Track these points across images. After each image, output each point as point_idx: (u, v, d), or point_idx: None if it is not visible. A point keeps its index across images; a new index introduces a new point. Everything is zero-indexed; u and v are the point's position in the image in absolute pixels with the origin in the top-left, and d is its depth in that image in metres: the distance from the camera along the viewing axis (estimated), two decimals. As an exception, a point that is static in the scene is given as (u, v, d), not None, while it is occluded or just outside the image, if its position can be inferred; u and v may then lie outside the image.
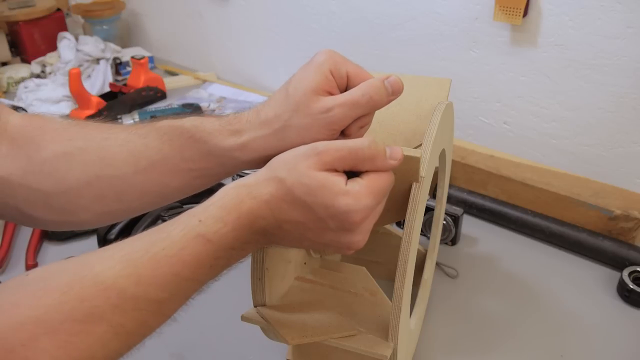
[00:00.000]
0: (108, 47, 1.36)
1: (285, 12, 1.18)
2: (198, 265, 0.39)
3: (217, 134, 0.47)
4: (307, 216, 0.40)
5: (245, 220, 0.40)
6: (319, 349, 0.60)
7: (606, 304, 0.71)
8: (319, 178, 0.39)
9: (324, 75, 0.44)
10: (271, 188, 0.40)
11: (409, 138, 0.55)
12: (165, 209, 0.74)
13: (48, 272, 0.37)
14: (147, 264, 0.37)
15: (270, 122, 0.46)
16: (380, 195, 0.41)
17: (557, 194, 0.81)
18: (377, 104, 0.44)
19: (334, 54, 0.46)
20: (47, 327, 0.33)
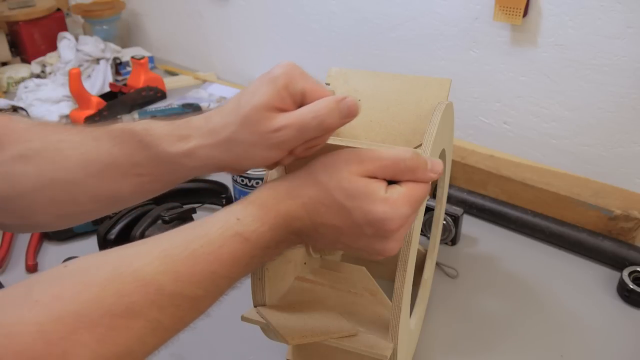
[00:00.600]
0: (108, 47, 1.36)
1: (285, 12, 1.18)
2: (235, 263, 0.39)
3: (165, 139, 0.46)
4: (344, 221, 0.41)
5: (282, 220, 0.41)
6: (319, 349, 0.60)
7: (606, 304, 0.71)
8: (360, 184, 0.40)
9: (276, 91, 0.42)
10: (310, 190, 0.41)
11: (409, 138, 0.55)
12: (166, 209, 0.74)
13: (87, 265, 0.37)
14: (185, 261, 0.38)
15: (217, 131, 0.45)
16: (416, 205, 0.41)
17: (557, 194, 0.81)
18: (328, 128, 0.42)
19: (292, 68, 0.44)
20: (87, 321, 0.33)
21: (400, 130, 0.56)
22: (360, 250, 0.43)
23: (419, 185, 0.42)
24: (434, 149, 0.50)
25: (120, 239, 0.72)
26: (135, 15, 1.55)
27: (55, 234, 0.82)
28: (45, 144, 0.48)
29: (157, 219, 0.72)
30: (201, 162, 0.46)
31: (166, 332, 0.37)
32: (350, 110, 0.42)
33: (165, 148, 0.46)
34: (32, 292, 0.33)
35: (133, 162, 0.47)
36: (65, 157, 0.47)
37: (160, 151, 0.46)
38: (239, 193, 0.82)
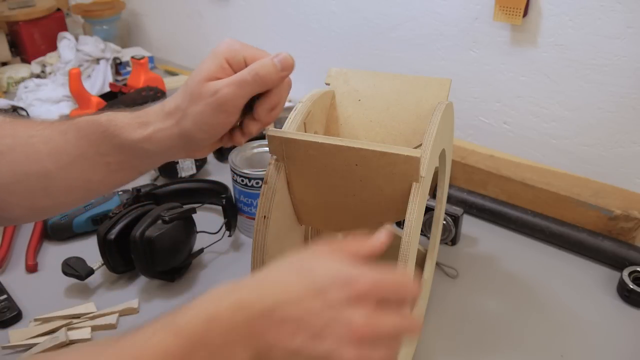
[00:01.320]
0: (108, 47, 1.36)
1: (285, 12, 1.18)
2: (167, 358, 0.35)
3: (127, 127, 0.48)
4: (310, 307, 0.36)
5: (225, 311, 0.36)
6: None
7: (606, 304, 0.71)
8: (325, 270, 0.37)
9: (218, 64, 0.46)
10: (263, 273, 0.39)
11: (409, 138, 0.55)
12: (166, 209, 0.74)
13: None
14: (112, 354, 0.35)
15: (172, 114, 0.47)
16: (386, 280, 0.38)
17: (557, 194, 0.81)
18: (265, 81, 0.45)
19: (232, 43, 0.47)
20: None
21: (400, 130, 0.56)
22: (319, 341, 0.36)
23: None
24: (434, 149, 0.50)
25: (120, 239, 0.72)
26: (135, 15, 1.55)
27: (55, 234, 0.82)
28: (17, 139, 0.49)
29: (157, 219, 0.72)
30: (160, 145, 0.48)
31: None
32: (284, 64, 0.45)
33: (127, 136, 0.48)
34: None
35: (100, 152, 0.49)
36: (36, 151, 0.49)
37: (124, 139, 0.48)
38: (238, 193, 0.82)
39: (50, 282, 0.74)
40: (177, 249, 0.73)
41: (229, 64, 0.46)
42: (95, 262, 0.74)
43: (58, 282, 0.74)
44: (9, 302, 0.70)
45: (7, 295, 0.71)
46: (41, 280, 0.76)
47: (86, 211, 0.82)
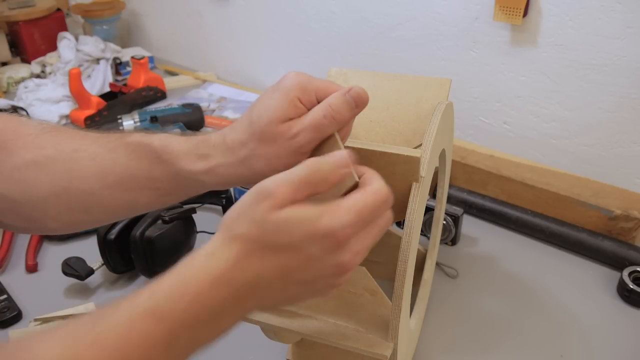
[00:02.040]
0: (108, 47, 1.36)
1: (285, 12, 1.18)
2: (149, 346, 0.33)
3: (184, 157, 0.46)
4: (284, 256, 0.36)
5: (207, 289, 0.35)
6: (319, 349, 0.60)
7: (606, 304, 0.71)
8: (283, 216, 0.35)
9: (291, 103, 0.43)
10: (234, 249, 0.35)
11: (409, 138, 0.55)
12: (166, 209, 0.74)
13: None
14: (90, 344, 0.32)
15: (235, 150, 0.45)
16: (363, 213, 0.36)
17: (557, 194, 0.81)
18: (341, 122, 0.43)
19: (301, 79, 0.44)
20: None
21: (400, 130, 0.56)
22: (316, 280, 0.37)
23: (360, 192, 0.37)
24: (434, 149, 0.50)
25: (120, 239, 0.72)
26: (135, 15, 1.55)
27: (55, 234, 0.82)
28: (58, 152, 0.48)
29: (157, 219, 0.72)
30: (222, 179, 0.46)
31: None
32: (357, 100, 0.43)
33: (185, 166, 0.46)
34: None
35: (151, 177, 0.47)
36: (80, 167, 0.47)
37: (180, 169, 0.46)
38: (238, 193, 0.82)
39: (50, 282, 0.74)
40: (177, 249, 0.73)
41: (301, 101, 0.43)
42: (95, 262, 0.74)
43: (58, 282, 0.74)
44: (9, 302, 0.70)
45: (7, 295, 0.71)
46: (41, 280, 0.76)
47: (86, 211, 0.82)
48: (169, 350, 0.34)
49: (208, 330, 0.36)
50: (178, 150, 0.47)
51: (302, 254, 0.36)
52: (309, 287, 0.38)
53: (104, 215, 0.50)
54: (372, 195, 0.37)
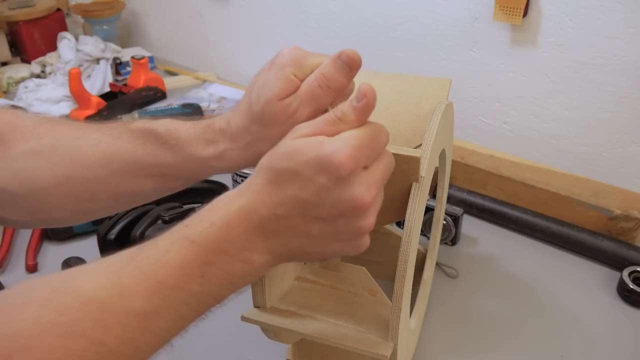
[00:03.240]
0: (108, 47, 1.36)
1: (285, 12, 1.18)
2: (185, 271, 0.35)
3: (192, 143, 0.46)
4: (296, 186, 0.36)
5: (235, 217, 0.37)
6: (319, 349, 0.60)
7: (606, 304, 0.71)
8: (295, 142, 0.37)
9: (287, 79, 0.42)
10: (257, 179, 0.38)
11: (409, 138, 0.55)
12: (166, 209, 0.74)
13: (29, 287, 0.34)
14: (131, 273, 0.34)
15: (240, 135, 0.45)
16: (365, 138, 0.37)
17: (557, 194, 0.81)
18: (337, 89, 0.42)
19: (295, 52, 0.44)
20: (22, 343, 0.30)
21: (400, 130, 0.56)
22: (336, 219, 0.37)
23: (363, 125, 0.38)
24: (434, 149, 0.50)
25: (120, 239, 0.72)
26: (135, 15, 1.55)
27: (55, 234, 0.82)
28: (59, 141, 0.47)
29: (157, 219, 0.72)
30: (231, 163, 0.46)
31: (113, 357, 0.33)
32: (350, 63, 0.42)
33: (194, 152, 0.46)
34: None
35: (157, 163, 0.47)
36: (83, 154, 0.46)
37: (189, 154, 0.46)
38: (239, 193, 0.82)
39: (50, 282, 0.74)
40: (177, 249, 0.73)
41: (296, 77, 0.43)
42: (95, 262, 0.73)
43: (58, 282, 0.74)
44: (9, 302, 0.70)
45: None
46: (41, 280, 0.76)
47: (86, 211, 0.82)
48: (204, 278, 0.36)
49: (240, 262, 0.37)
50: (186, 135, 0.46)
51: (312, 184, 0.36)
52: (331, 228, 0.37)
53: (111, 202, 0.49)
54: (369, 125, 0.38)
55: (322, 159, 0.35)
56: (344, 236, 0.38)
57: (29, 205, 0.47)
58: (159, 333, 0.35)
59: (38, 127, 0.48)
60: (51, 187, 0.46)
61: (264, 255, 0.38)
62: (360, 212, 0.37)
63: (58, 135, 0.47)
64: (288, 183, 0.36)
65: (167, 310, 0.35)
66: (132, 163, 0.46)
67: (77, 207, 0.48)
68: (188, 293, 0.36)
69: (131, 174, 0.47)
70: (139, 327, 0.34)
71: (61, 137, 0.47)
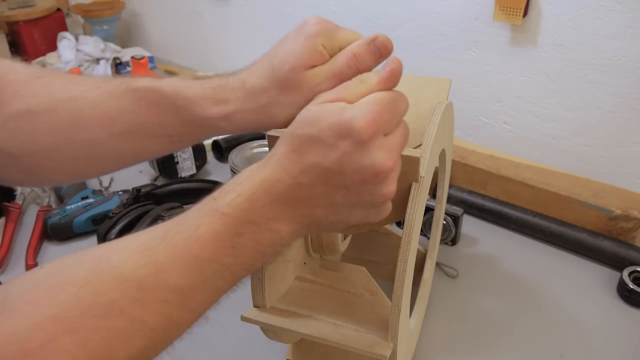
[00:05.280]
0: (108, 47, 1.36)
1: (285, 12, 1.18)
2: (217, 244, 0.36)
3: (200, 102, 0.44)
4: (319, 153, 0.36)
5: (260, 187, 0.37)
6: (319, 348, 0.60)
7: (606, 304, 0.71)
8: (316, 109, 0.38)
9: (316, 50, 0.41)
10: (280, 147, 0.38)
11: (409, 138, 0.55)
12: (166, 209, 0.74)
13: (63, 266, 0.34)
14: (165, 250, 0.35)
15: (256, 95, 0.43)
16: (385, 103, 0.37)
17: (557, 194, 0.81)
18: (364, 71, 0.41)
19: (325, 25, 0.43)
20: (66, 325, 0.30)
21: (400, 130, 0.56)
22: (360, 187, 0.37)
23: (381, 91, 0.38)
24: (433, 149, 0.50)
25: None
26: (135, 15, 1.55)
27: (55, 234, 0.82)
28: (55, 101, 0.45)
29: (157, 219, 0.72)
30: (240, 124, 0.45)
31: (154, 334, 0.34)
32: (382, 50, 0.41)
33: (201, 112, 0.44)
34: (8, 300, 0.31)
35: (162, 124, 0.45)
36: (83, 117, 0.45)
37: (196, 115, 0.45)
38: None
39: (50, 282, 0.74)
40: (177, 249, 0.73)
41: (325, 49, 0.42)
42: (95, 262, 0.73)
43: (58, 282, 0.74)
44: (9, 302, 0.70)
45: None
46: (41, 280, 0.76)
47: (86, 211, 0.82)
48: (235, 249, 0.36)
49: (268, 232, 0.37)
50: (194, 95, 0.45)
51: (334, 150, 0.36)
52: (354, 195, 0.38)
53: (111, 165, 0.48)
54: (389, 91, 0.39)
55: (343, 123, 0.35)
56: (367, 204, 0.39)
57: (27, 166, 0.46)
58: (195, 307, 0.36)
59: (31, 83, 0.46)
60: (51, 151, 0.45)
61: (291, 224, 0.38)
62: (381, 177, 0.37)
63: (53, 94, 0.45)
64: (311, 150, 0.37)
65: (203, 284, 0.36)
66: (136, 125, 0.45)
67: (75, 169, 0.47)
68: (222, 265, 0.36)
69: (134, 135, 0.46)
70: (177, 303, 0.35)
71: (57, 98, 0.45)
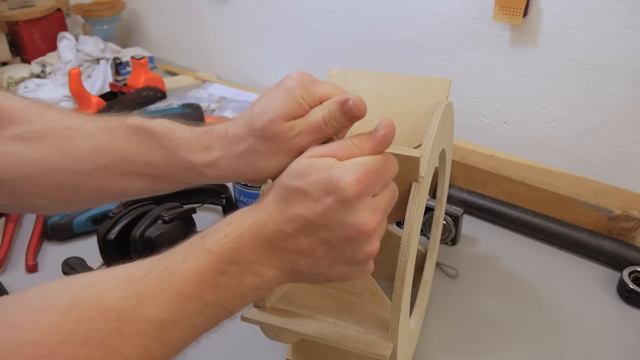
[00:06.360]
0: (108, 47, 1.36)
1: (285, 12, 1.18)
2: (201, 280, 0.37)
3: (186, 147, 0.45)
4: (304, 205, 0.38)
5: (247, 230, 0.38)
6: (319, 348, 0.60)
7: (606, 304, 0.71)
8: (307, 162, 0.39)
9: (295, 102, 0.42)
10: (270, 194, 0.40)
11: (409, 138, 0.55)
12: (166, 209, 0.74)
13: (49, 291, 0.35)
14: (150, 283, 0.36)
15: (236, 143, 0.44)
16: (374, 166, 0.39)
17: (557, 194, 0.81)
18: (339, 128, 0.42)
19: (304, 78, 0.43)
20: (44, 350, 0.31)
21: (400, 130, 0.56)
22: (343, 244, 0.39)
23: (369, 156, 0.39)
24: (433, 149, 0.51)
25: (120, 239, 0.72)
26: (135, 15, 1.55)
27: (55, 234, 0.82)
28: (49, 129, 0.46)
29: (157, 219, 0.72)
30: (222, 172, 0.45)
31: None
32: (354, 112, 0.42)
33: (186, 156, 0.45)
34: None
35: (148, 162, 0.46)
36: (74, 146, 0.46)
37: (181, 158, 0.45)
38: (238, 193, 0.82)
39: (50, 282, 0.74)
40: (177, 249, 0.73)
41: (305, 101, 0.43)
42: (95, 262, 0.74)
43: (58, 282, 0.74)
44: (9, 302, 0.70)
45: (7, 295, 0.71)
46: (41, 280, 0.75)
47: (86, 211, 0.82)
48: (218, 287, 0.37)
49: (251, 274, 0.39)
50: (181, 138, 0.45)
51: (319, 205, 0.37)
52: (336, 251, 0.39)
53: (94, 196, 0.48)
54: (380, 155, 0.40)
55: (330, 180, 0.37)
56: (349, 260, 0.40)
57: (12, 190, 0.46)
58: (174, 342, 0.37)
59: (27, 111, 0.47)
60: (36, 175, 0.46)
61: (274, 270, 0.40)
62: (364, 236, 0.38)
63: (49, 123, 0.47)
64: (297, 201, 0.38)
65: (183, 319, 0.36)
66: (122, 160, 0.46)
67: (60, 197, 0.48)
68: (203, 302, 0.37)
69: (119, 170, 0.46)
70: (156, 337, 0.35)
71: (52, 126, 0.46)
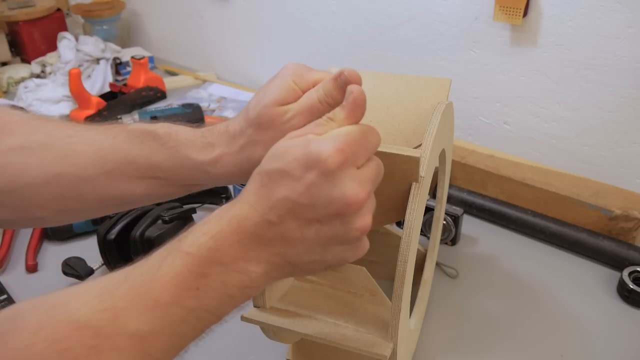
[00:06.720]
0: (108, 47, 1.36)
1: (286, 12, 1.18)
2: (179, 285, 0.34)
3: (190, 145, 0.45)
4: (287, 187, 0.35)
5: (227, 226, 0.35)
6: (319, 348, 0.60)
7: (606, 304, 0.71)
8: (284, 143, 0.37)
9: (286, 86, 0.43)
10: (250, 185, 0.37)
11: (409, 138, 0.55)
12: (166, 209, 0.74)
13: (18, 311, 0.32)
14: (125, 294, 0.33)
15: (236, 138, 0.44)
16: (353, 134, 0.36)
17: (557, 194, 0.81)
18: (335, 105, 0.41)
19: (297, 67, 0.44)
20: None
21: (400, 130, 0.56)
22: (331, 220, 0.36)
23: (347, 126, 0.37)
24: (433, 149, 0.51)
25: (120, 239, 0.72)
26: (135, 15, 1.55)
27: (55, 234, 0.82)
28: (50, 138, 0.46)
29: (157, 219, 0.72)
30: (225, 169, 0.45)
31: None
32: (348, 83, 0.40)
33: (190, 155, 0.45)
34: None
35: (152, 165, 0.46)
36: (77, 153, 0.45)
37: (184, 157, 0.45)
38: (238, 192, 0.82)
39: (50, 282, 0.74)
40: (177, 249, 0.73)
41: (298, 86, 0.43)
42: (95, 262, 0.74)
43: (58, 282, 0.74)
44: (8, 302, 0.70)
45: (7, 295, 0.71)
46: (41, 280, 0.76)
47: (86, 211, 0.82)
48: (199, 291, 0.34)
49: (236, 273, 0.35)
50: (184, 138, 0.46)
51: (302, 183, 0.35)
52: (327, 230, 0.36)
53: (98, 204, 0.47)
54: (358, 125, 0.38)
55: (309, 154, 0.35)
56: (341, 239, 0.37)
57: (13, 202, 0.45)
58: (157, 355, 0.34)
59: (27, 124, 0.47)
60: (38, 185, 0.45)
61: (261, 264, 0.36)
62: (353, 209, 0.35)
63: (50, 133, 0.46)
64: (278, 184, 0.35)
65: (164, 329, 0.34)
66: (126, 163, 0.45)
67: (63, 207, 0.47)
68: (185, 309, 0.34)
69: (123, 174, 0.46)
70: (136, 351, 0.32)
71: (53, 135, 0.46)
